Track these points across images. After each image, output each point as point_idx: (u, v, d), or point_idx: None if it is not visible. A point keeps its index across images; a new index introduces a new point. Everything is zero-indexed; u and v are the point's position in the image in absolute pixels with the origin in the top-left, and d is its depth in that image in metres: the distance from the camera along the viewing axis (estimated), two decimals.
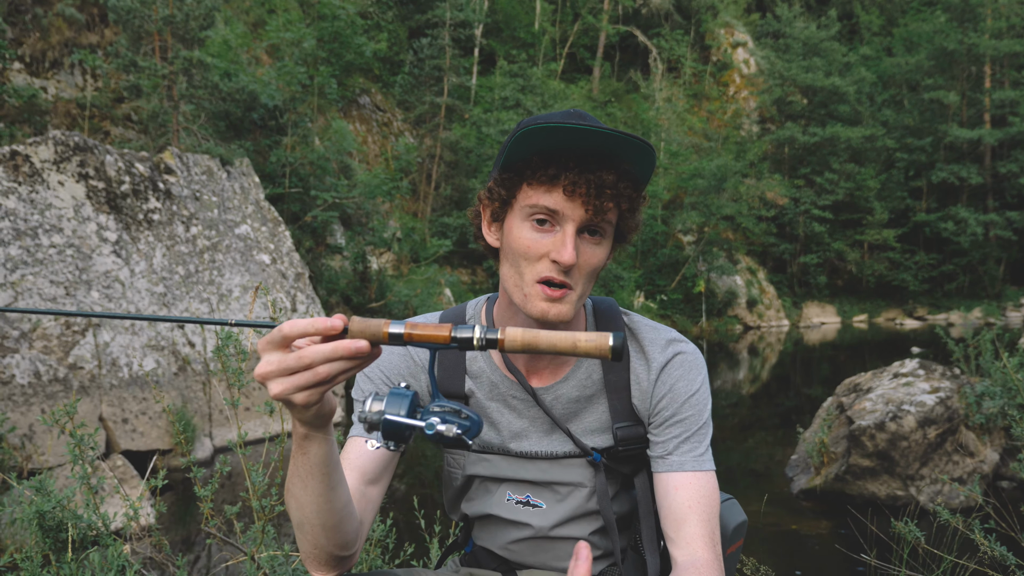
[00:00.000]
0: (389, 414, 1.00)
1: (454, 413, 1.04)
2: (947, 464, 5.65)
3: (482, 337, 1.00)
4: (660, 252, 27.68)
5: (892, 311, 32.03)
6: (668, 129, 30.82)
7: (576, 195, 1.17)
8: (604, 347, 0.98)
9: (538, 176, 1.19)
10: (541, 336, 1.01)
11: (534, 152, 1.19)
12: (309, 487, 1.09)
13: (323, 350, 0.94)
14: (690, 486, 1.31)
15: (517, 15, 32.53)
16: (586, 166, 1.16)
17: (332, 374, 0.95)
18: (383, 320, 1.00)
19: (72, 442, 2.40)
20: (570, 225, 1.19)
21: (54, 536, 2.36)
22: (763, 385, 14.57)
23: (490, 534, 1.46)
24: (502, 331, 1.00)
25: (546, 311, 1.22)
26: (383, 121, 24.40)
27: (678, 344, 1.39)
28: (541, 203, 1.19)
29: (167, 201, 8.75)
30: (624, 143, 1.15)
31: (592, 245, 1.23)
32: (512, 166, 1.23)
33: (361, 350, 0.95)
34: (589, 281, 1.25)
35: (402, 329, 0.99)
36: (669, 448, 1.34)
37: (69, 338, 7.01)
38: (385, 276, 16.52)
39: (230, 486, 6.47)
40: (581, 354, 1.00)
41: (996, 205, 32.14)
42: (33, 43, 14.73)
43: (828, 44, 33.89)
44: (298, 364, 0.94)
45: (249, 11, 21.03)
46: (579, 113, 1.24)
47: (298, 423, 1.03)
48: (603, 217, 1.20)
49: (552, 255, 1.20)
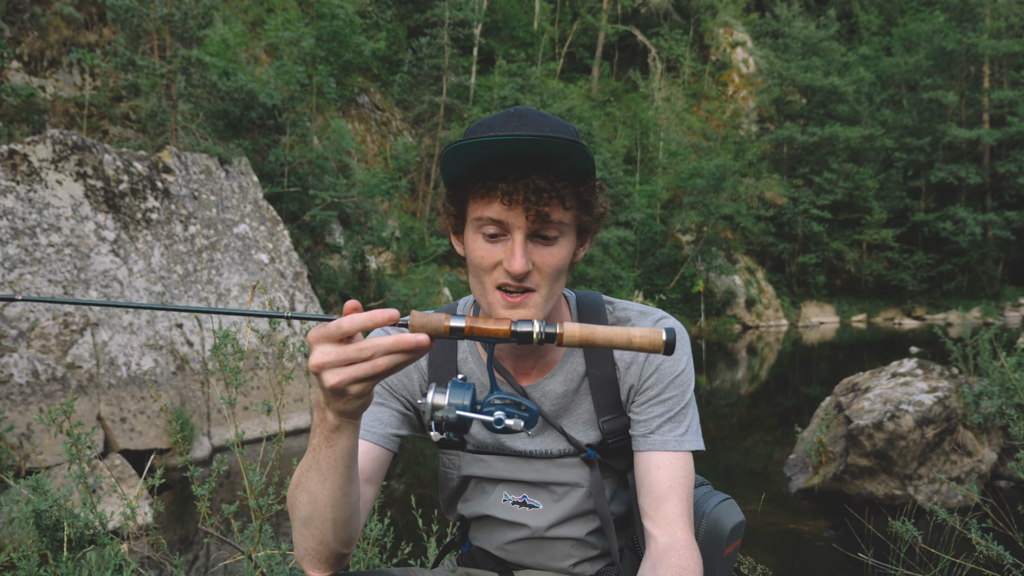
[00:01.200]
0: (458, 409, 1.02)
1: (515, 405, 1.06)
2: (945, 464, 5.66)
3: (541, 331, 1.03)
4: (659, 252, 27.68)
5: (891, 311, 32.04)
6: (667, 128, 30.81)
7: (515, 204, 1.16)
8: (658, 341, 1.04)
9: (477, 190, 1.19)
10: (598, 331, 1.05)
11: (467, 167, 1.18)
12: (329, 480, 1.09)
13: (384, 343, 0.95)
14: (671, 466, 1.32)
15: (516, 14, 32.51)
16: (521, 173, 1.14)
17: (390, 366, 0.96)
18: (443, 314, 1.01)
19: (69, 441, 2.40)
20: (518, 233, 1.18)
21: (51, 535, 2.36)
22: (762, 385, 14.57)
23: (487, 534, 1.47)
24: (560, 325, 1.04)
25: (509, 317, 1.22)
26: (382, 120, 24.39)
27: (665, 322, 1.40)
28: (486, 216, 1.19)
29: (165, 200, 8.74)
30: (549, 143, 1.12)
31: (547, 248, 1.21)
32: (453, 183, 1.23)
33: (421, 343, 0.96)
34: (554, 280, 1.24)
35: (463, 323, 1.02)
36: (652, 427, 1.35)
37: (67, 337, 7.00)
38: (384, 275, 16.51)
39: (228, 485, 6.47)
40: (635, 348, 1.04)
41: (995, 205, 32.13)
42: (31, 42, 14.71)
43: (827, 44, 33.86)
44: (358, 355, 0.95)
45: (248, 10, 21.01)
46: (520, 113, 1.22)
47: (333, 415, 1.03)
48: (547, 221, 1.18)
49: (504, 264, 1.20)
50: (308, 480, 1.11)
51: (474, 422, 1.02)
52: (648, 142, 30.80)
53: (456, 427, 1.02)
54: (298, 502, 1.14)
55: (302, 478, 1.12)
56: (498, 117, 1.23)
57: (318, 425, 1.06)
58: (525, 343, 1.04)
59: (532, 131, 1.19)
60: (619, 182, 25.84)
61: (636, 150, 30.12)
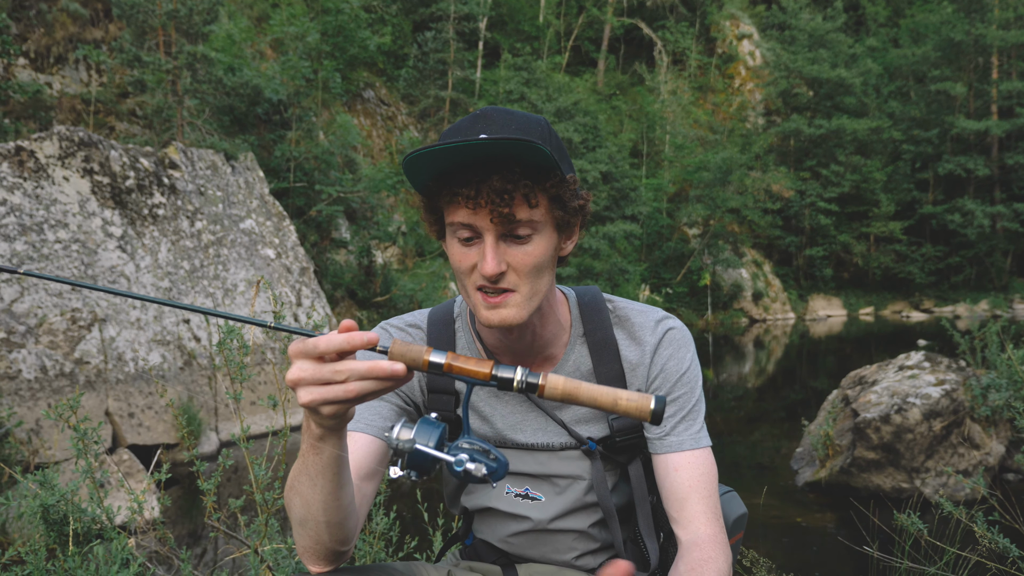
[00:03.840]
0: (419, 444, 0.97)
1: (483, 452, 1.02)
2: (952, 457, 5.64)
3: (522, 380, 1.01)
4: (665, 245, 27.63)
5: (898, 303, 31.92)
6: (673, 122, 30.73)
7: (479, 207, 1.16)
8: (645, 409, 1.01)
9: (443, 197, 1.19)
10: (582, 388, 1.03)
11: (429, 177, 1.19)
12: (318, 485, 1.08)
13: (359, 368, 0.94)
14: (690, 466, 1.33)
15: (521, 8, 32.44)
16: (482, 176, 1.14)
17: (363, 392, 0.95)
18: (424, 347, 1.00)
19: (76, 436, 2.41)
20: (488, 236, 1.18)
21: (58, 530, 2.37)
22: (769, 378, 14.55)
23: (490, 527, 1.47)
24: (543, 376, 1.02)
25: (489, 318, 1.22)
26: (387, 115, 24.39)
27: (666, 322, 1.40)
28: (456, 221, 1.19)
29: (172, 196, 8.76)
30: (501, 145, 1.11)
31: (520, 247, 1.20)
32: (423, 192, 1.24)
33: (397, 373, 0.95)
34: (535, 278, 1.23)
35: (443, 359, 0.99)
36: (667, 428, 1.35)
37: (75, 333, 7.04)
38: (390, 270, 16.53)
39: (235, 480, 6.50)
40: (621, 411, 1.02)
41: (1003, 197, 31.95)
42: (38, 38, 14.75)
43: (834, 36, 33.68)
44: (333, 377, 0.94)
45: (253, 5, 21.02)
46: (485, 114, 1.22)
47: (315, 426, 1.03)
48: (513, 221, 1.18)
49: (479, 267, 1.20)
50: (299, 484, 1.11)
51: (436, 462, 0.98)
52: (654, 135, 30.74)
53: (420, 466, 0.97)
54: (292, 504, 1.14)
55: (294, 481, 1.12)
56: (465, 121, 1.23)
57: (305, 432, 1.06)
58: (505, 389, 1.02)
59: (497, 132, 1.19)
60: (625, 175, 25.80)
61: (642, 143, 30.06)
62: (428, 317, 1.46)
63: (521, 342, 1.34)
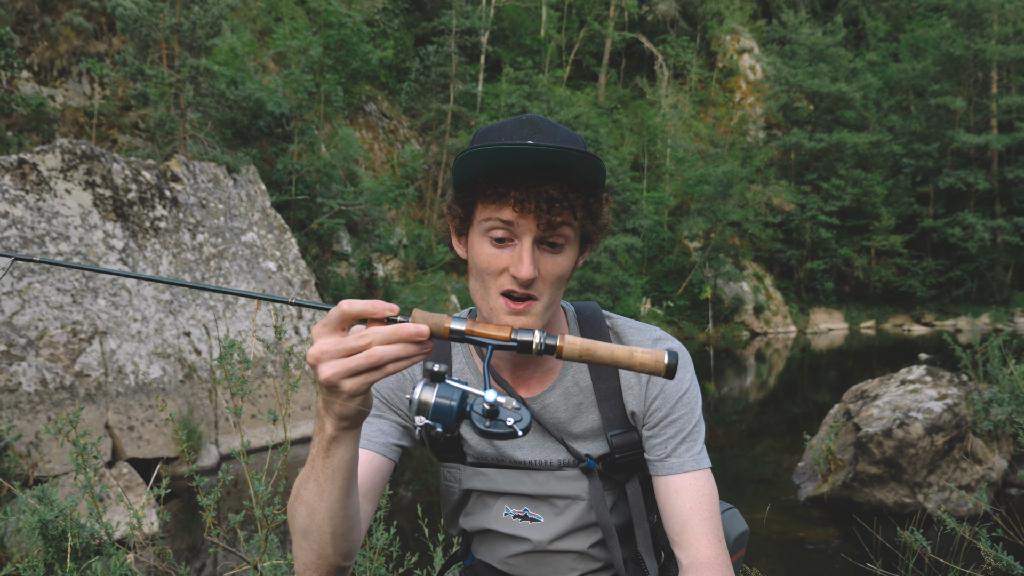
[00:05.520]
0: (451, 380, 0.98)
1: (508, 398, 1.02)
2: (955, 471, 5.62)
3: (541, 342, 1.03)
4: (666, 258, 27.64)
5: (900, 317, 31.88)
6: (674, 135, 30.80)
7: (526, 211, 1.16)
8: (660, 363, 1.03)
9: (488, 195, 1.19)
10: (600, 346, 1.04)
11: (479, 172, 1.19)
12: (326, 492, 1.07)
13: (383, 330, 0.95)
14: (691, 488, 1.32)
15: (523, 22, 32.59)
16: (534, 181, 1.15)
17: (387, 358, 0.95)
18: (445, 315, 1.01)
19: (75, 451, 2.40)
20: (526, 239, 1.18)
21: (57, 545, 2.36)
22: (770, 392, 14.52)
23: (489, 548, 1.46)
24: (561, 338, 1.03)
25: (511, 324, 1.21)
26: (389, 128, 24.45)
27: (664, 342, 1.39)
28: (496, 217, 1.19)
29: (174, 209, 8.78)
30: (567, 155, 1.13)
31: (552, 255, 1.22)
32: (463, 186, 1.23)
33: (422, 333, 0.96)
34: (556, 289, 1.24)
35: (463, 326, 1.01)
36: (667, 450, 1.34)
37: (75, 346, 7.03)
38: (391, 283, 16.53)
39: (235, 494, 6.48)
40: (636, 366, 1.03)
41: (1004, 211, 31.98)
42: (41, 52, 14.82)
43: (834, 50, 33.83)
44: (356, 344, 0.94)
45: (256, 19, 21.12)
46: (532, 121, 1.23)
47: (331, 423, 1.02)
48: (556, 230, 1.19)
49: (511, 270, 1.19)
50: (306, 492, 1.10)
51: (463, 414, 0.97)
52: (655, 149, 30.81)
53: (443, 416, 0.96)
54: (296, 514, 1.13)
55: (300, 489, 1.11)
56: (509, 123, 1.23)
57: (316, 435, 1.05)
58: (524, 352, 1.04)
59: (544, 140, 1.20)
60: (626, 189, 25.84)
61: (643, 157, 30.12)
62: None
63: (521, 355, 1.34)
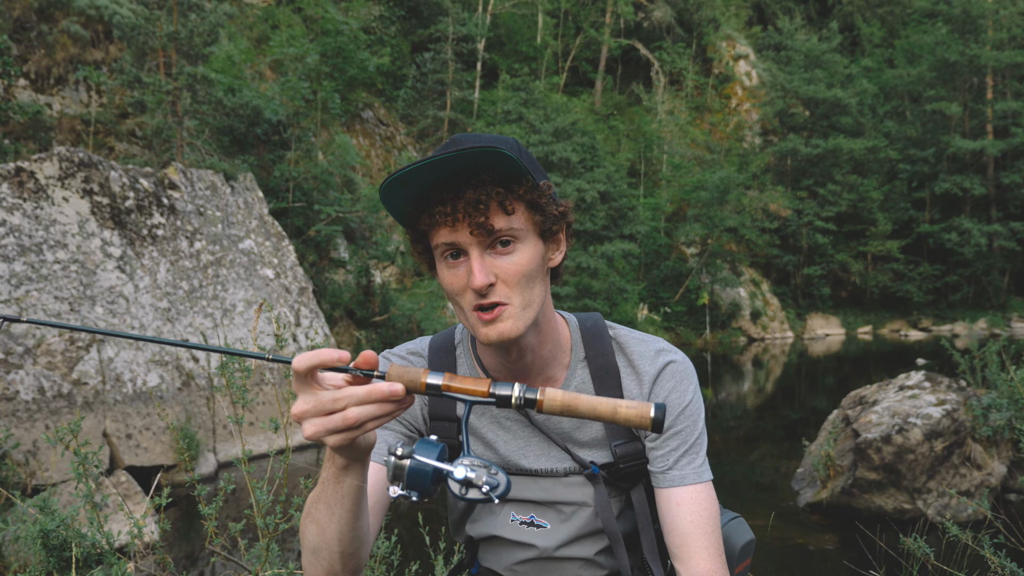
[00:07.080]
0: (418, 455, 0.95)
1: (484, 468, 0.99)
2: (954, 477, 5.62)
3: (520, 396, 1.01)
4: (663, 264, 27.67)
5: (896, 322, 31.94)
6: (670, 141, 30.88)
7: (457, 224, 1.17)
8: (646, 417, 1.00)
9: (423, 222, 1.20)
10: (581, 399, 1.02)
11: (406, 203, 1.20)
12: (336, 514, 1.09)
13: (357, 393, 0.95)
14: (692, 501, 1.32)
15: (519, 29, 32.68)
16: (455, 192, 1.16)
17: (363, 418, 0.95)
18: (421, 369, 1.00)
19: (76, 460, 2.39)
20: (473, 250, 1.18)
21: (58, 555, 2.35)
22: (768, 398, 14.52)
23: (495, 555, 1.46)
24: (541, 391, 1.02)
25: (488, 334, 1.21)
26: (386, 135, 24.48)
27: (667, 354, 1.38)
28: (440, 242, 1.20)
29: (171, 216, 8.77)
30: (468, 157, 1.12)
31: (505, 256, 1.21)
32: (406, 223, 1.25)
33: (396, 393, 0.95)
34: (525, 287, 1.22)
35: (440, 380, 0.99)
36: (669, 462, 1.34)
37: (73, 354, 7.01)
38: (389, 290, 16.52)
39: (234, 502, 6.45)
40: (620, 420, 1.01)
41: (999, 216, 32.07)
42: (38, 60, 14.81)
43: (830, 56, 33.95)
44: (332, 406, 0.94)
45: (253, 27, 21.16)
46: (453, 139, 1.22)
47: (338, 456, 1.04)
48: (492, 231, 1.18)
49: (468, 283, 1.20)
50: (316, 511, 1.11)
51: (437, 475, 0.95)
52: (652, 155, 30.88)
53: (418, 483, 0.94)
54: (307, 531, 1.15)
55: (311, 508, 1.12)
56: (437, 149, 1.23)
57: (328, 460, 1.07)
58: (504, 407, 1.02)
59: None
60: (623, 195, 25.88)
61: (640, 163, 30.18)
62: (429, 344, 1.46)
63: (520, 362, 1.33)
